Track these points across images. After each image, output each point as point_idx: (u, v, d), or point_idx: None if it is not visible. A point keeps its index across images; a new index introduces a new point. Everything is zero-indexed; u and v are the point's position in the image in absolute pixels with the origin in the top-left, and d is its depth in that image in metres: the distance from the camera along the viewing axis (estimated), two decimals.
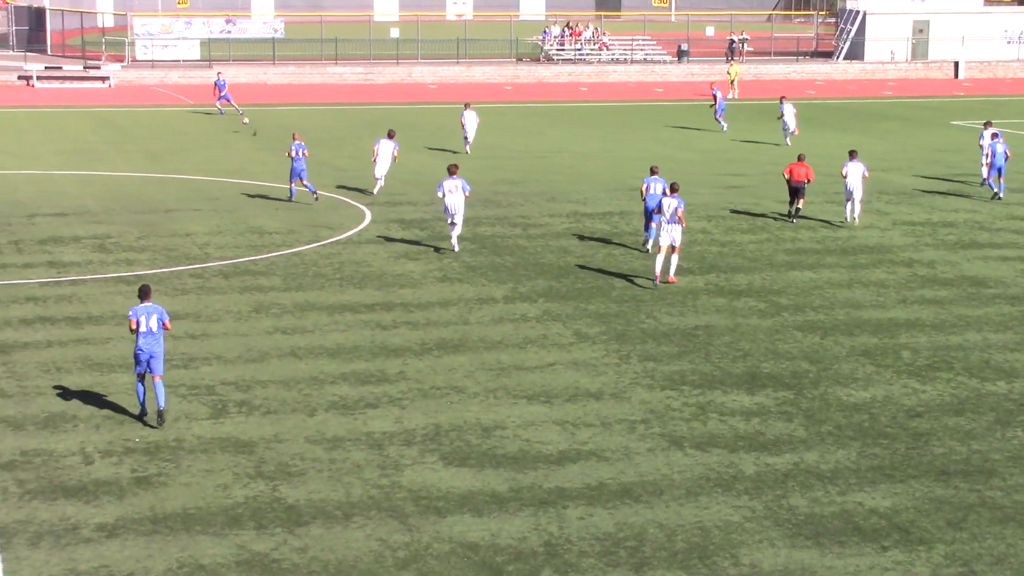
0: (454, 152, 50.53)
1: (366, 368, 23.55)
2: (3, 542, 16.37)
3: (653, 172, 33.15)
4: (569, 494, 18.07)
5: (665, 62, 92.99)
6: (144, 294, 20.74)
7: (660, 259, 29.75)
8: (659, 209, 30.09)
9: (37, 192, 41.24)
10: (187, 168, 46.62)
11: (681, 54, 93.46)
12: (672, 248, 29.76)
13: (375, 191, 41.48)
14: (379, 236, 34.95)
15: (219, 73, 67.93)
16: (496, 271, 31.11)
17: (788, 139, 54.84)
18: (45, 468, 18.72)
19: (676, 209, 29.41)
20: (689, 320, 27.02)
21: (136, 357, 20.51)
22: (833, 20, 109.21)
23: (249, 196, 40.97)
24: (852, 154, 37.04)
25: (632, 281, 30.11)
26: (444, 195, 32.63)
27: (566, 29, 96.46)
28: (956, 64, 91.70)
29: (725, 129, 59.63)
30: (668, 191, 30.35)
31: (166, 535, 16.66)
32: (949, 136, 59.15)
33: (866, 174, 36.90)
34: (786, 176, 37.10)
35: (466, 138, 51.66)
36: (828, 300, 28.81)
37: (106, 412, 21.02)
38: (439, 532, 16.87)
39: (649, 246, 33.16)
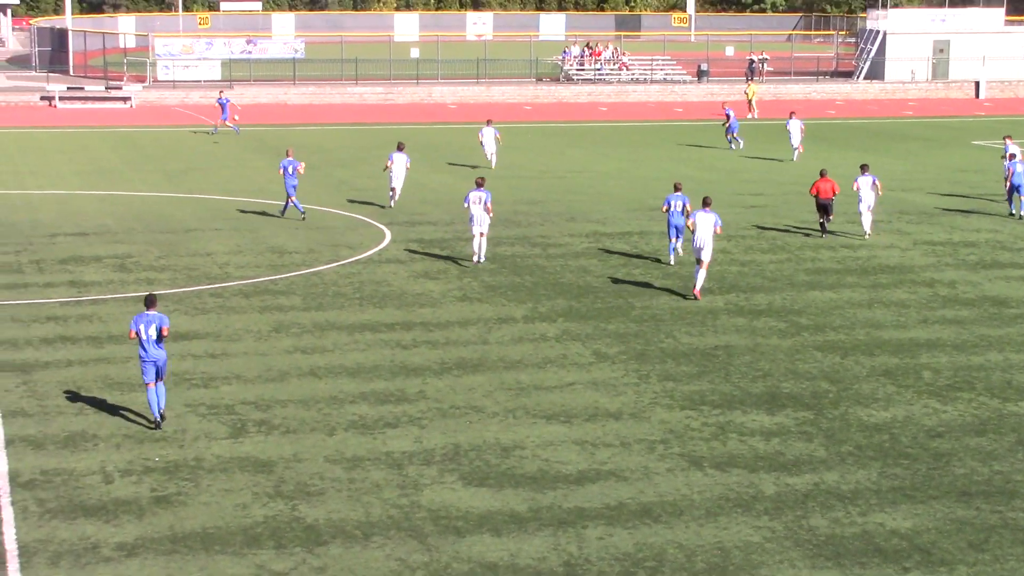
0: (474, 167, 50.50)
1: (386, 387, 23.55)
2: (23, 561, 16.40)
3: (677, 189, 33.25)
4: (589, 514, 18.03)
5: (685, 82, 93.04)
6: (149, 303, 21.20)
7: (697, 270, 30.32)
8: (694, 224, 30.13)
9: (58, 212, 41.43)
10: (207, 188, 46.75)
11: (701, 74, 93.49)
12: (700, 262, 30.03)
13: (391, 203, 42.02)
14: (405, 250, 34.98)
15: (221, 91, 68.47)
16: (516, 291, 31.11)
17: (795, 155, 55.80)
18: (65, 487, 18.76)
19: (715, 227, 29.85)
20: (709, 340, 26.97)
21: (142, 367, 20.93)
22: (853, 40, 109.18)
23: (269, 216, 41.07)
24: (863, 168, 37.85)
25: (659, 298, 30.07)
26: (469, 206, 33.25)
27: (586, 49, 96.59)
28: (977, 84, 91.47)
29: (742, 147, 59.77)
30: (703, 205, 30.45)
31: (185, 554, 16.66)
32: (970, 156, 59.00)
33: (877, 183, 37.15)
34: (813, 194, 37.49)
35: (488, 154, 52.10)
36: (848, 320, 28.72)
37: (126, 431, 21.06)
38: (458, 552, 16.84)
39: (672, 260, 33.54)
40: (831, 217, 37.76)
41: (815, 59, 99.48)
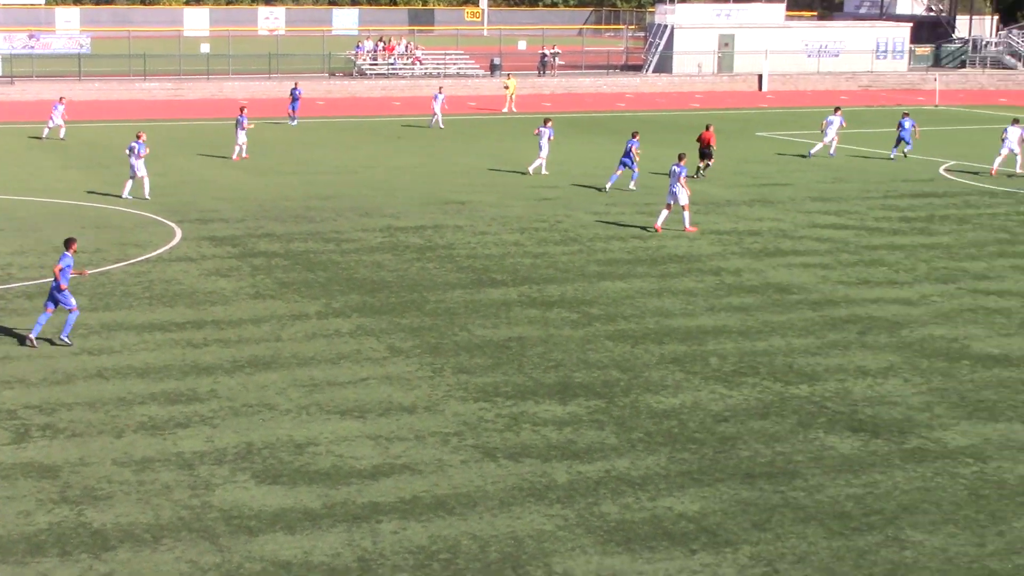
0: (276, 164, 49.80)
1: (176, 387, 23.16)
2: None
3: (634, 136, 45.38)
4: (383, 508, 18.02)
5: (478, 76, 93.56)
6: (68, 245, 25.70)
7: (665, 214, 38.23)
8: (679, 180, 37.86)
9: None
10: None
11: (493, 68, 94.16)
12: (670, 207, 38.08)
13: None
14: (196, 248, 34.39)
15: (296, 84, 71.34)
16: (309, 287, 30.89)
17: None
18: None
19: (681, 176, 37.74)
20: (502, 332, 27.19)
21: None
22: (642, 34, 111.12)
23: (54, 215, 39.95)
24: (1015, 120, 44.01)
25: (453, 291, 30.20)
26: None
27: (379, 44, 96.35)
28: (760, 77, 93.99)
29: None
30: (678, 160, 38.22)
31: None
32: (754, 147, 60.55)
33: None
34: (697, 141, 49.68)
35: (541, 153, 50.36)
36: (638, 309, 29.26)
37: None
38: (251, 551, 16.66)
39: (607, 187, 45.12)
40: (711, 163, 49.30)
41: (606, 53, 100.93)
